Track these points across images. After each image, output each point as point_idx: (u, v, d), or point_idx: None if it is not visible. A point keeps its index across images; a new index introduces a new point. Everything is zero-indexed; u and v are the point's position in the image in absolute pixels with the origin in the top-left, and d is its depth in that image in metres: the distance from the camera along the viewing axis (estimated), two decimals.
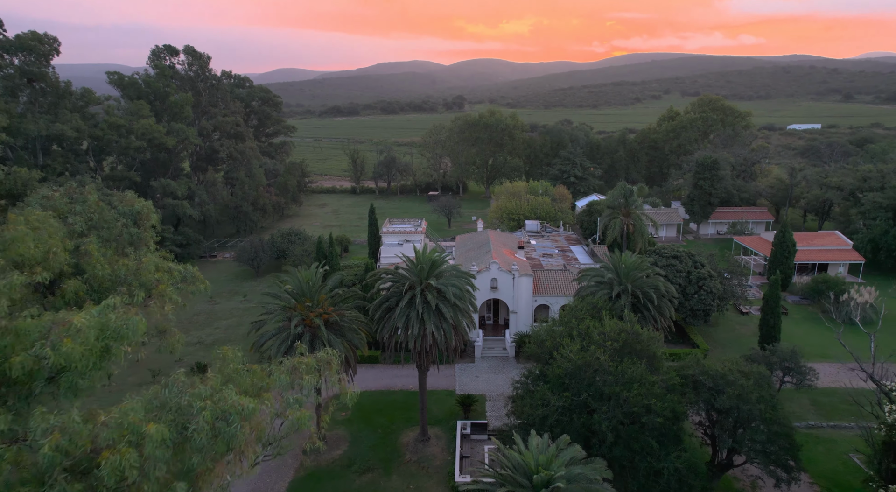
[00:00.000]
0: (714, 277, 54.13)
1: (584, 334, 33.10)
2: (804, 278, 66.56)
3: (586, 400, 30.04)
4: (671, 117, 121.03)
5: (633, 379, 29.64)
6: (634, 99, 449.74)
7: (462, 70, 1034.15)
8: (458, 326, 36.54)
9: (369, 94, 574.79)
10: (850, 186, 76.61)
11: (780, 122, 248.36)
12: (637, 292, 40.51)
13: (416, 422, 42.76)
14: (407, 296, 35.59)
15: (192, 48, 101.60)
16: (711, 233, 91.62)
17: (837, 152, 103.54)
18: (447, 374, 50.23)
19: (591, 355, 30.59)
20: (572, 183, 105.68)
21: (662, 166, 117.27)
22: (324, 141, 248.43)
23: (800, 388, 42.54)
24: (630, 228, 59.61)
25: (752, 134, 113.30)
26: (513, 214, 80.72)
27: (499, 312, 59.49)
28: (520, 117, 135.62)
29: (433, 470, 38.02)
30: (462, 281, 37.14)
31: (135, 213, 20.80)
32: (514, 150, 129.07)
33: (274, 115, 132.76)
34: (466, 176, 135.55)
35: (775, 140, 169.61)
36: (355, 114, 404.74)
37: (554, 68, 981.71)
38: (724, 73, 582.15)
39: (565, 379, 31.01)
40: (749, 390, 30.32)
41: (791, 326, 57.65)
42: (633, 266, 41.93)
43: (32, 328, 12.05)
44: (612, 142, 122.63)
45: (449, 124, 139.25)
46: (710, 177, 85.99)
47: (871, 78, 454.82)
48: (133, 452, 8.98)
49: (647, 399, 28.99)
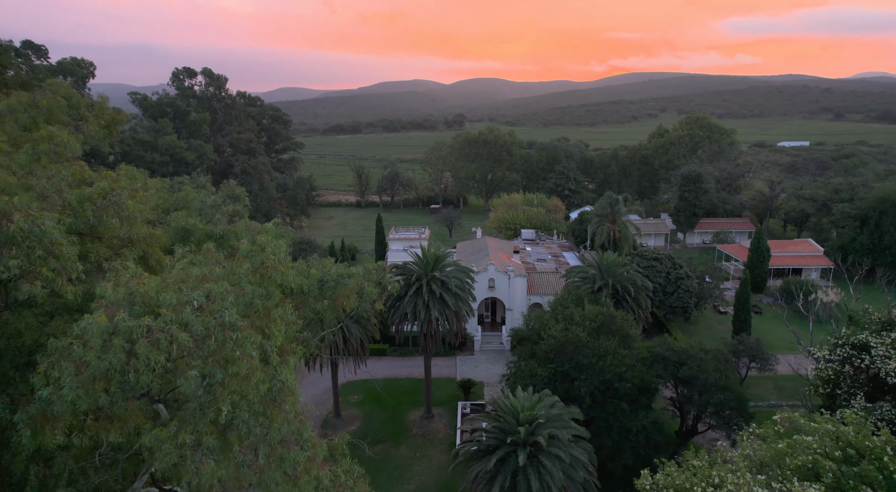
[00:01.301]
0: (691, 277, 59.53)
1: (568, 318, 38.48)
2: (778, 282, 71.95)
3: (568, 371, 35.34)
4: (660, 134, 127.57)
5: (607, 352, 34.98)
6: (631, 117, 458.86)
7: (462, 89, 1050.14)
8: (459, 313, 41.95)
9: (371, 113, 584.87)
10: (823, 198, 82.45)
11: (771, 139, 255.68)
12: (617, 286, 45.94)
13: (422, 404, 47.87)
14: (414, 286, 41.06)
15: (209, 70, 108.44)
16: (697, 242, 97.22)
17: (813, 167, 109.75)
18: (449, 364, 55.48)
19: (573, 333, 35.96)
20: (567, 196, 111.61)
21: (652, 181, 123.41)
22: (328, 158, 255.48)
23: (763, 372, 47.79)
24: (616, 234, 65.23)
25: (736, 150, 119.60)
26: (510, 223, 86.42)
27: (496, 311, 64.82)
28: (518, 134, 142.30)
29: (437, 442, 43.14)
30: (463, 275, 42.70)
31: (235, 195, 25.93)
32: (512, 165, 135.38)
33: (283, 133, 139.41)
34: (467, 190, 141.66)
35: (764, 156, 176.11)
36: (358, 132, 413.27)
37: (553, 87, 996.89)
38: (719, 92, 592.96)
39: (550, 354, 36.35)
40: (707, 362, 35.67)
41: (764, 324, 62.92)
42: (613, 263, 47.45)
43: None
44: (605, 157, 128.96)
45: (450, 141, 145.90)
46: (694, 189, 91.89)
47: (862, 97, 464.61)
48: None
49: (619, 369, 34.32)
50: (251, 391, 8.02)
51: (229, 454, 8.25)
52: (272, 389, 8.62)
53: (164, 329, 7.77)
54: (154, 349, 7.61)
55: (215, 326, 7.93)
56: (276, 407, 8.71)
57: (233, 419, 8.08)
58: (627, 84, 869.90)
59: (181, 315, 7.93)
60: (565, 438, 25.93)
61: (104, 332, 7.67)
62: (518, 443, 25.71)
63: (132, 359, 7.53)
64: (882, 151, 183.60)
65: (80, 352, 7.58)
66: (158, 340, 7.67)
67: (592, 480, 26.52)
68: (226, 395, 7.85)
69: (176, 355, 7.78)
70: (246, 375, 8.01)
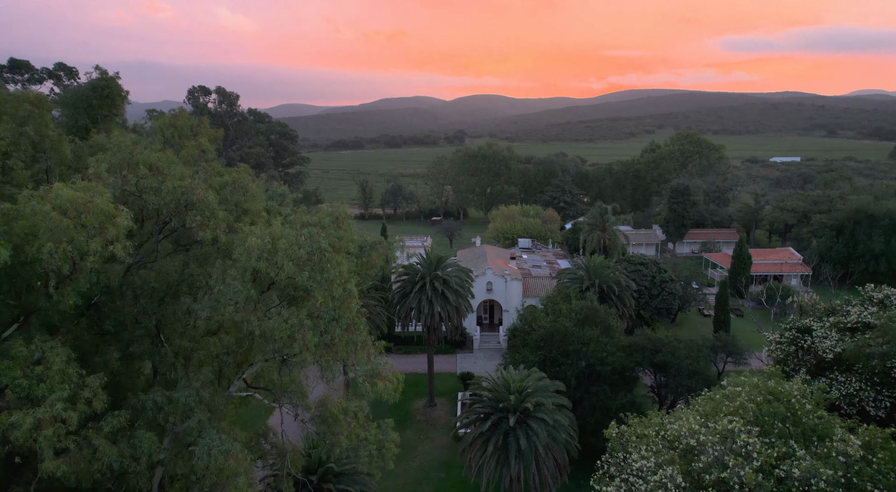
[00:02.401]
0: (675, 281, 64.12)
1: (556, 311, 43.07)
2: (759, 288, 76.52)
3: (556, 357, 39.83)
4: (652, 149, 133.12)
5: (591, 340, 39.51)
6: (629, 133, 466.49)
7: (463, 105, 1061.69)
8: (460, 308, 46.54)
9: (373, 129, 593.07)
10: (803, 209, 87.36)
11: (764, 155, 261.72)
12: (603, 286, 50.56)
13: (425, 394, 52.17)
14: (419, 284, 45.71)
15: (222, 89, 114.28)
16: (686, 251, 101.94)
17: (798, 181, 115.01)
18: (450, 361, 59.89)
19: (560, 324, 40.54)
20: (562, 208, 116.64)
21: (645, 193, 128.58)
22: (331, 172, 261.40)
23: (739, 366, 52.10)
24: (606, 241, 69.98)
25: (725, 164, 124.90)
26: (508, 233, 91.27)
27: (493, 314, 69.35)
28: (516, 150, 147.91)
29: (439, 427, 47.44)
30: (462, 274, 47.39)
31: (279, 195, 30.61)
32: (510, 179, 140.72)
33: (290, 148, 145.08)
34: (467, 203, 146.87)
35: (755, 171, 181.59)
36: (360, 147, 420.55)
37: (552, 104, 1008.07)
38: (716, 109, 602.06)
39: (541, 342, 40.87)
40: (680, 350, 40.19)
41: (745, 325, 67.32)
42: (600, 266, 52.14)
43: None
44: (599, 172, 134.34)
45: (450, 156, 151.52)
46: (683, 201, 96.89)
47: (856, 115, 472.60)
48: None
49: (601, 354, 38.84)
50: (335, 290, 12.58)
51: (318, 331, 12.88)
52: (344, 292, 13.19)
53: (290, 248, 12.46)
54: (286, 258, 12.29)
55: (316, 249, 12.58)
56: (346, 305, 13.28)
57: (320, 307, 12.65)
58: (625, 101, 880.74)
59: (298, 241, 12.58)
60: (549, 404, 30.41)
61: (259, 248, 12.33)
62: (509, 409, 30.15)
63: (273, 265, 12.23)
64: (868, 167, 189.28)
65: (243, 260, 12.24)
66: (288, 253, 12.34)
67: (573, 442, 30.92)
68: (319, 291, 12.40)
69: (296, 262, 12.45)
70: (332, 279, 12.60)
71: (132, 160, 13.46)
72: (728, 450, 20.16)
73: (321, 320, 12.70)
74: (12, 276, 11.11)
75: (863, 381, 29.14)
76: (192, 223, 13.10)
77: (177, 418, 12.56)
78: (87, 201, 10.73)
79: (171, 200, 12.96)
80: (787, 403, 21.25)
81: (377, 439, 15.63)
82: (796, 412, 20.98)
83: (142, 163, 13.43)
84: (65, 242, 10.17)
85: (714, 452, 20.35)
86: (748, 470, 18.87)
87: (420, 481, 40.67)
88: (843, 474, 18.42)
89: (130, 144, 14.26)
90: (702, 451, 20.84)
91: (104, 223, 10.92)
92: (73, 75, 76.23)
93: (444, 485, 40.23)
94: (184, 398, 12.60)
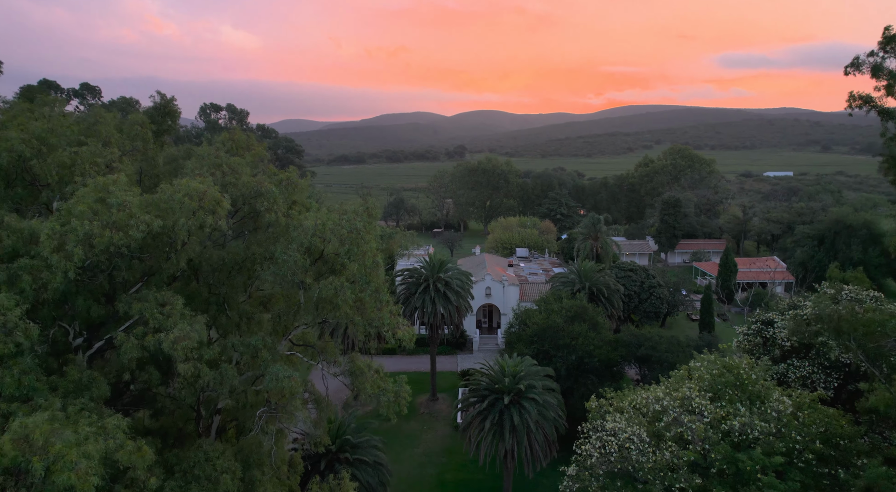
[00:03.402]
0: (662, 286, 68.15)
1: (549, 310, 47.10)
2: (744, 294, 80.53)
3: (548, 350, 43.76)
4: (646, 164, 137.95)
5: (579, 334, 43.46)
6: (627, 149, 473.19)
7: (463, 121, 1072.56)
8: (460, 307, 50.60)
9: (374, 144, 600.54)
10: (788, 221, 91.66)
11: (759, 169, 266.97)
12: (593, 288, 54.63)
13: (428, 391, 55.92)
14: (423, 285, 49.80)
15: (232, 106, 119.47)
16: (678, 261, 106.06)
17: (786, 194, 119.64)
18: (451, 361, 63.72)
19: (552, 321, 44.54)
20: (559, 219, 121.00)
21: (639, 206, 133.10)
22: (334, 187, 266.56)
23: None
24: (598, 249, 74.15)
25: (716, 178, 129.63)
26: (506, 243, 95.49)
27: (492, 318, 73.29)
28: (515, 164, 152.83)
29: (441, 418, 51.19)
30: (462, 276, 51.53)
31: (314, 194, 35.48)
32: (509, 192, 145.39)
33: (297, 162, 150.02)
34: (467, 215, 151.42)
35: (749, 185, 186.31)
36: (362, 162, 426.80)
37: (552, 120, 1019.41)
38: (713, 125, 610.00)
39: (534, 337, 44.82)
40: (660, 343, 44.11)
41: (729, 329, 71.23)
42: (590, 270, 56.27)
43: None
44: (595, 185, 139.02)
45: (451, 170, 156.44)
46: (674, 213, 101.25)
47: (850, 130, 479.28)
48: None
49: (589, 347, 42.76)
50: (367, 260, 16.77)
51: (355, 291, 17.03)
52: (373, 263, 17.35)
53: (334, 228, 16.68)
54: (332, 235, 16.55)
55: (354, 228, 16.83)
56: (374, 272, 17.46)
57: (356, 274, 16.84)
58: (624, 116, 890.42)
59: (340, 223, 16.86)
60: (540, 386, 34.33)
61: (312, 228, 16.55)
62: (504, 391, 34.07)
63: (323, 240, 16.48)
64: (858, 181, 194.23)
65: (300, 237, 16.51)
66: (333, 231, 16.58)
67: (561, 420, 34.76)
68: (355, 262, 16.60)
69: (339, 239, 16.69)
70: (364, 252, 16.79)
71: (217, 163, 17.78)
72: (685, 411, 24.13)
73: (356, 284, 16.78)
74: (148, 245, 15.29)
75: (815, 365, 33.06)
76: (260, 207, 17.37)
77: (248, 356, 16.63)
78: (204, 191, 14.94)
79: (245, 191, 17.23)
80: (737, 374, 25.24)
81: (394, 390, 19.51)
82: (743, 381, 24.97)
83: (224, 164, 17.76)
84: (191, 217, 14.46)
85: (674, 413, 24.31)
86: (699, 425, 22.83)
87: (424, 464, 44.40)
88: (775, 426, 22.36)
89: (214, 151, 18.65)
90: (664, 413, 24.79)
91: (215, 206, 15.15)
92: (96, 95, 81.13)
93: (446, 468, 43.95)
94: (254, 341, 16.71)
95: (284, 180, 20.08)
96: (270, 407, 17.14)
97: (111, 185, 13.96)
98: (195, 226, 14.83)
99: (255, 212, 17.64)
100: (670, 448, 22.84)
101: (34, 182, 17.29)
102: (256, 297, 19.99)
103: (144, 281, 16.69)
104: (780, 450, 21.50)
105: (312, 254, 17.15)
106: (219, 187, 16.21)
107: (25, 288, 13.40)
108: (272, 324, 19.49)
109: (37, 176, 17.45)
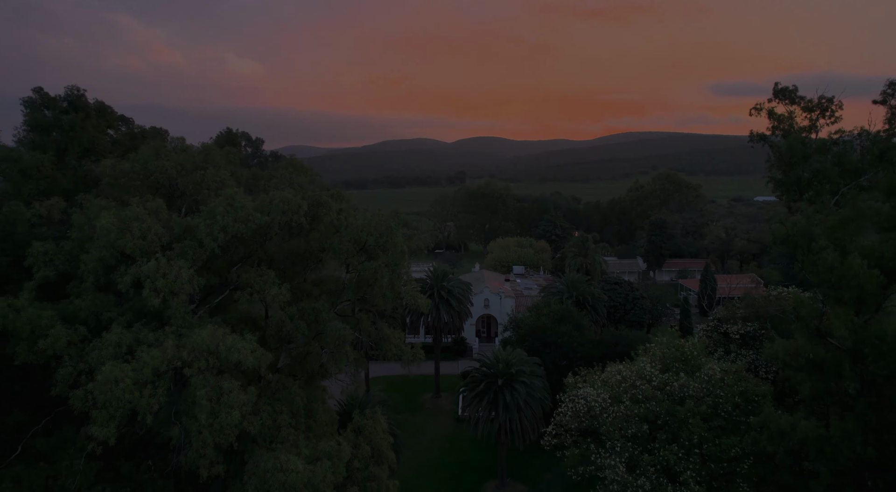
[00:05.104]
0: (645, 298, 74.63)
1: (539, 313, 53.59)
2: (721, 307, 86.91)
3: (537, 347, 50.06)
4: (636, 188, 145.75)
5: (564, 334, 49.87)
6: (624, 174, 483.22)
7: (463, 147, 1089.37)
8: (461, 312, 57.13)
9: (376, 170, 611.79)
10: (765, 241, 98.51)
11: (750, 194, 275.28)
12: (580, 297, 61.18)
13: (432, 390, 61.98)
14: (427, 293, 56.39)
15: (247, 134, 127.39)
16: (666, 279, 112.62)
17: (766, 217, 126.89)
18: (453, 366, 69.82)
19: (541, 322, 51.01)
20: (554, 240, 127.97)
21: (630, 228, 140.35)
22: None
23: None
24: (587, 264, 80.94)
25: (703, 201, 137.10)
26: (504, 261, 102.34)
27: (490, 328, 79.63)
28: (513, 189, 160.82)
29: (444, 413, 57.23)
30: (463, 285, 58.23)
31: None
32: (507, 215, 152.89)
33: None
34: (467, 238, 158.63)
35: (738, 209, 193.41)
36: (364, 187, 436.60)
37: (551, 146, 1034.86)
38: (710, 151, 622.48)
39: (525, 336, 51.22)
40: (638, 342, 50.37)
41: None
42: (577, 281, 62.92)
43: None
44: (589, 208, 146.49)
45: (452, 194, 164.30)
46: (661, 234, 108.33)
47: None
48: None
49: (573, 345, 49.10)
50: (397, 249, 23.64)
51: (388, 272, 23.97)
52: (401, 251, 24.15)
53: (375, 225, 23.73)
54: (374, 230, 23.52)
55: (388, 226, 23.73)
56: (402, 258, 24.26)
57: (389, 259, 23.70)
58: (623, 143, 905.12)
59: (378, 221, 23.82)
60: (528, 371, 40.71)
61: (359, 225, 23.61)
62: (498, 375, 40.43)
63: (367, 233, 23.47)
64: None
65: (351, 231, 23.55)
66: (375, 227, 23.59)
67: (547, 401, 41.00)
68: (388, 250, 23.45)
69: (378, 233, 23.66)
70: (395, 243, 23.63)
71: (290, 181, 24.84)
72: (639, 378, 30.62)
73: (389, 268, 23.50)
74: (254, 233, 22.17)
75: (758, 354, 39.52)
76: (320, 212, 24.33)
77: (312, 317, 23.17)
78: (291, 198, 21.81)
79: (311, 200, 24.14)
80: (682, 351, 31.79)
81: (412, 351, 26.04)
82: (686, 356, 31.50)
83: (296, 183, 24.81)
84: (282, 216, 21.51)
85: (630, 381, 30.79)
86: (647, 386, 29.30)
87: (429, 449, 50.30)
88: (705, 387, 28.81)
89: (289, 173, 25.81)
90: (624, 381, 31.26)
91: (297, 208, 22.05)
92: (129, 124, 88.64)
93: (448, 453, 49.84)
94: (317, 306, 23.34)
95: (335, 193, 27.12)
96: (328, 352, 23.73)
97: (235, 194, 20.82)
98: (285, 221, 21.79)
99: (317, 215, 24.51)
100: (625, 405, 29.25)
101: (172, 194, 24.28)
102: (311, 280, 26.74)
103: (243, 262, 23.54)
104: (708, 403, 27.95)
105: (358, 244, 23.94)
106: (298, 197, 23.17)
107: (191, 257, 20.19)
108: (324, 299, 26.23)
109: (177, 189, 24.45)
